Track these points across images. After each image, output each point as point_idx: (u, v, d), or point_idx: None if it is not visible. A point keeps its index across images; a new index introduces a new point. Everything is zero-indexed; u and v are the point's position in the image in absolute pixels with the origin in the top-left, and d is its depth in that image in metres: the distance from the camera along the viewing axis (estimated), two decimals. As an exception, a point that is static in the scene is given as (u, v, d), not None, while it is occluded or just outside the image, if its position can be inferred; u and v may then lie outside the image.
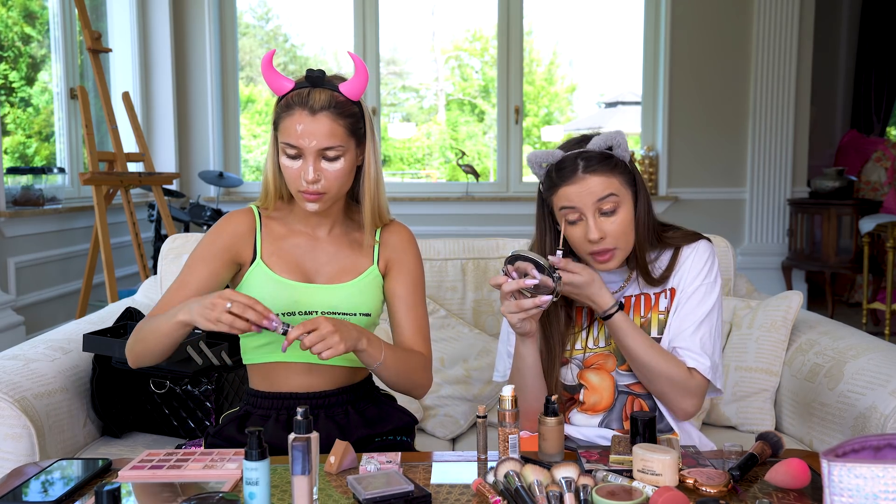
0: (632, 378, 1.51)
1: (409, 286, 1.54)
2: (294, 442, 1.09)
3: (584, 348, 1.53)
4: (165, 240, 2.29)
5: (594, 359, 1.53)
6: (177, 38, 5.10)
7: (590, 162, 1.41)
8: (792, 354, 1.97)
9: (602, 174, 1.40)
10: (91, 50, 3.84)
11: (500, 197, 5.35)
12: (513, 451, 1.24)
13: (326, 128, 1.39)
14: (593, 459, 1.28)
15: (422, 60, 6.08)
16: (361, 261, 1.53)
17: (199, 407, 1.89)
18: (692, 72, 5.25)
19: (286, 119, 1.40)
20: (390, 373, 1.43)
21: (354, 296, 1.49)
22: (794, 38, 5.19)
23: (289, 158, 1.42)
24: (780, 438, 1.31)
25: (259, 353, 1.52)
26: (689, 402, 1.46)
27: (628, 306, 1.52)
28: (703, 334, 1.46)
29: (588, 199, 1.40)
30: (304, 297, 1.47)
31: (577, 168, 1.41)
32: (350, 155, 1.44)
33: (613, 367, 1.52)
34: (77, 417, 1.78)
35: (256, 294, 1.47)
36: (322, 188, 1.42)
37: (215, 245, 1.49)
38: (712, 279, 1.49)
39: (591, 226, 1.41)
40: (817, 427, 1.79)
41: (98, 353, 1.86)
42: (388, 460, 1.26)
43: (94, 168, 3.73)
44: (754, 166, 5.28)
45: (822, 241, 5.11)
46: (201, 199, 5.02)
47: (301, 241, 1.52)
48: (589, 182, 1.40)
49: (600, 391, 1.52)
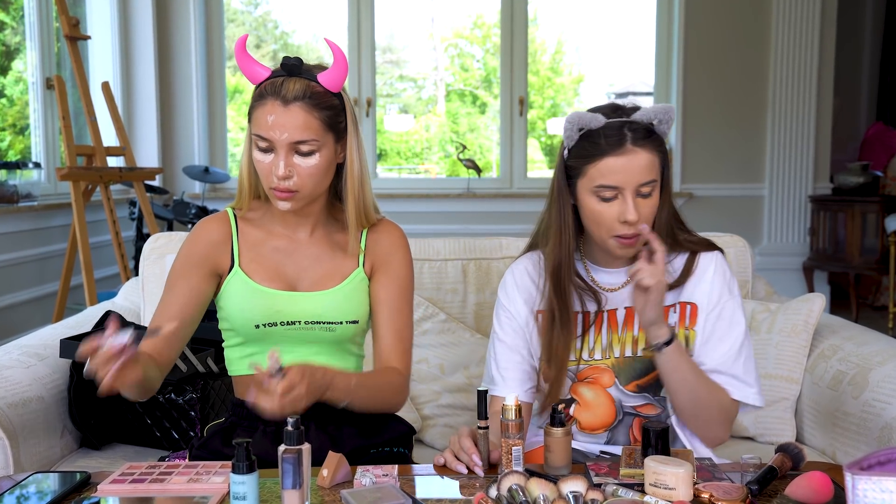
0: (641, 400, 1.48)
1: (394, 290, 1.51)
2: (284, 454, 1.09)
3: (577, 359, 1.49)
4: (147, 239, 2.29)
5: (588, 372, 1.49)
6: (159, 25, 5.09)
7: (637, 133, 1.38)
8: (814, 361, 1.97)
9: (649, 150, 1.38)
10: (68, 37, 3.84)
11: (504, 193, 5.35)
12: (517, 464, 1.23)
13: (300, 120, 1.37)
14: (602, 472, 1.28)
15: (420, 48, 6.09)
16: (346, 264, 1.51)
17: (183, 417, 1.89)
18: (707, 60, 5.25)
19: (258, 109, 1.39)
20: (357, 407, 1.42)
21: (340, 302, 1.47)
22: (815, 24, 5.19)
23: (260, 152, 1.40)
24: (801, 450, 1.31)
25: (245, 364, 1.51)
26: (727, 429, 1.46)
27: (632, 316, 1.48)
28: (745, 358, 1.45)
29: (632, 177, 1.37)
30: (286, 306, 1.46)
31: (625, 139, 1.37)
32: (327, 150, 1.41)
33: (611, 382, 1.48)
34: (53, 428, 1.78)
35: (236, 304, 1.46)
36: (294, 185, 1.39)
37: (191, 258, 1.48)
38: (737, 293, 1.48)
39: (629, 205, 1.37)
40: (841, 438, 1.79)
41: (76, 359, 1.86)
42: (385, 473, 1.26)
43: (71, 163, 3.72)
44: (773, 161, 5.28)
45: (846, 240, 5.11)
46: (186, 196, 5.02)
47: (281, 245, 1.51)
48: (637, 157, 1.37)
49: (594, 408, 1.49)
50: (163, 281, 2.15)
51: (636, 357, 1.47)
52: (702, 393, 1.41)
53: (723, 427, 1.45)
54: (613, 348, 1.49)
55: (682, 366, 1.39)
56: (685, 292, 1.48)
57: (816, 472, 1.19)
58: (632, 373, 1.48)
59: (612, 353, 1.49)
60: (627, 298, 1.49)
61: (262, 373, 1.20)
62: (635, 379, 1.48)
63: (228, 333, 1.53)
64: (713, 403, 1.42)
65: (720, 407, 1.43)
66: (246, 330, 1.47)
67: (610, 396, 1.49)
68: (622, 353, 1.48)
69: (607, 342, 1.49)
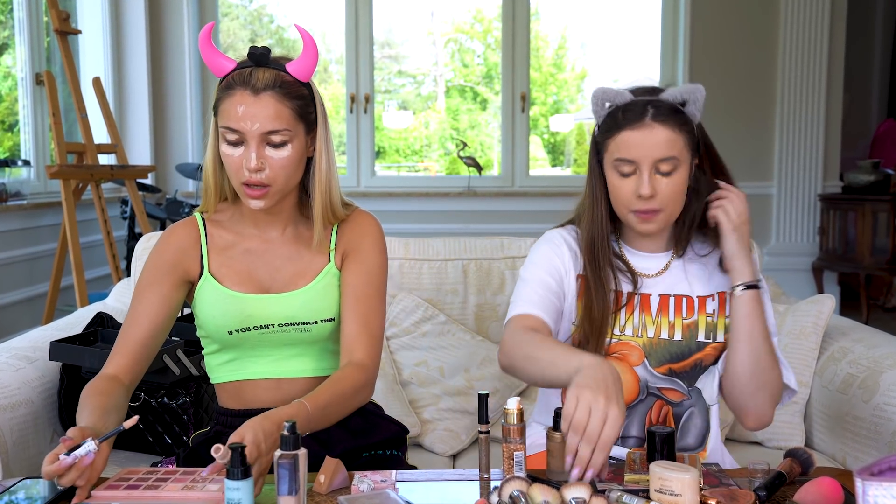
0: (668, 383, 1.49)
1: (362, 276, 1.48)
2: (280, 459, 1.09)
3: (609, 334, 1.51)
4: (140, 239, 2.30)
5: (618, 347, 1.51)
6: (152, 19, 5.09)
7: (659, 110, 1.41)
8: (823, 364, 1.97)
9: (669, 127, 1.40)
10: (58, 31, 3.84)
11: (505, 192, 5.36)
12: (518, 470, 1.23)
13: (271, 109, 1.35)
14: (607, 479, 1.28)
15: (419, 44, 6.09)
16: (317, 260, 1.49)
17: (176, 421, 1.89)
18: (714, 55, 5.25)
19: (226, 101, 1.37)
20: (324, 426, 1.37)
21: (313, 301, 1.46)
22: (825, 18, 5.19)
23: (229, 145, 1.38)
24: (811, 455, 1.31)
25: (224, 372, 1.51)
26: (772, 408, 1.48)
27: (666, 304, 1.51)
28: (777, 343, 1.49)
29: (649, 151, 1.40)
30: (258, 309, 1.45)
31: (646, 114, 1.40)
32: (298, 142, 1.40)
33: (639, 360, 1.50)
34: (43, 432, 1.78)
35: (207, 311, 1.46)
36: (266, 179, 1.37)
37: (160, 266, 1.47)
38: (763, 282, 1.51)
39: (644, 180, 1.40)
40: (851, 443, 1.79)
41: (66, 362, 1.86)
42: (383, 479, 1.26)
43: (61, 160, 3.72)
44: (782, 159, 5.28)
45: (857, 239, 5.11)
46: (179, 195, 5.02)
47: (252, 246, 1.49)
48: (655, 132, 1.40)
49: None
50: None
51: (672, 340, 1.49)
52: (764, 353, 1.44)
53: (771, 404, 1.47)
54: (647, 328, 1.50)
55: (755, 315, 1.43)
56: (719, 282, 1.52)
57: (826, 478, 1.19)
58: (666, 355, 1.49)
59: (645, 332, 1.50)
60: (662, 286, 1.52)
61: (219, 466, 1.13)
62: (669, 362, 1.49)
63: (205, 340, 1.53)
64: (771, 370, 1.45)
65: (776, 379, 1.45)
66: (220, 336, 1.47)
67: (635, 375, 1.50)
68: (657, 335, 1.50)
69: (639, 322, 1.50)
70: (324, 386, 1.38)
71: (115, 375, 1.41)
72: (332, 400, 1.36)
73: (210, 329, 1.47)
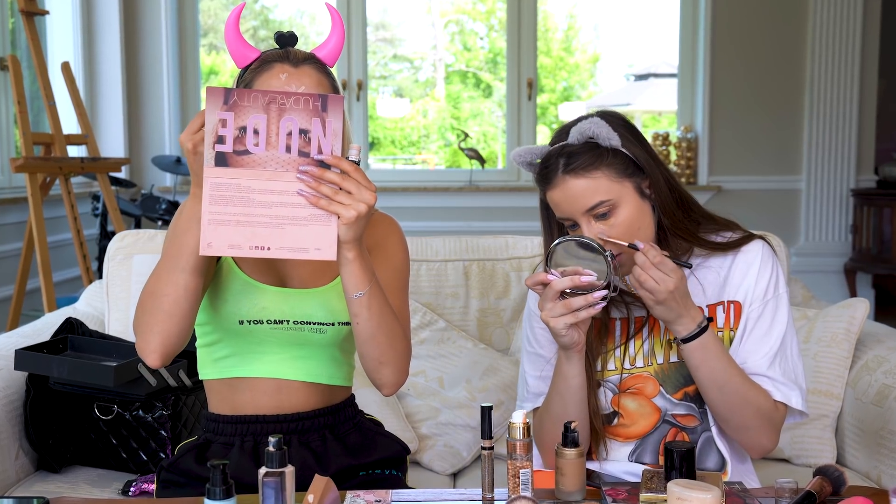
0: (685, 409, 1.51)
1: (390, 270, 1.51)
2: (265, 478, 1.09)
3: (619, 369, 1.53)
4: (112, 237, 2.30)
5: (631, 381, 1.52)
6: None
7: (571, 159, 1.43)
8: (856, 374, 1.97)
9: (585, 174, 1.42)
10: (24, 12, 3.84)
11: (510, 187, 5.36)
12: (525, 489, 1.24)
13: (314, 78, 1.40)
14: (621, 498, 1.28)
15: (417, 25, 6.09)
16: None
17: (152, 436, 1.89)
18: (738, 37, 5.25)
19: (264, 74, 1.40)
20: (370, 314, 1.38)
21: (331, 301, 1.48)
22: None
23: None
24: (843, 473, 1.31)
25: (220, 367, 1.51)
26: (771, 437, 1.48)
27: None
28: (785, 358, 1.48)
29: (574, 206, 1.43)
30: (273, 303, 1.46)
31: (558, 168, 1.44)
32: None
33: (655, 392, 1.51)
34: (8, 449, 1.78)
35: (220, 295, 1.46)
36: None
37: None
38: (783, 288, 1.51)
39: (585, 231, 1.43)
40: (886, 460, 1.79)
41: (33, 371, 1.86)
42: (377, 499, 1.26)
43: (27, 152, 3.72)
44: (811, 150, 5.28)
45: (893, 238, 5.11)
46: (155, 190, 5.02)
47: None
48: (570, 186, 1.42)
49: (637, 419, 1.52)
50: (130, 284, 2.16)
51: (681, 362, 1.50)
52: (744, 388, 1.44)
53: (764, 433, 1.47)
54: (656, 354, 1.52)
55: (706, 364, 1.43)
56: (729, 290, 1.52)
57: (859, 498, 1.19)
58: (679, 379, 1.51)
59: (654, 359, 1.52)
60: None
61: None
62: (684, 386, 1.51)
63: (204, 329, 1.52)
64: (747, 405, 1.44)
65: (757, 410, 1.45)
66: (227, 325, 1.47)
67: (655, 407, 1.52)
68: (666, 359, 1.51)
69: (649, 348, 1.52)
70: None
71: None
72: (391, 310, 1.41)
73: (218, 315, 1.48)
